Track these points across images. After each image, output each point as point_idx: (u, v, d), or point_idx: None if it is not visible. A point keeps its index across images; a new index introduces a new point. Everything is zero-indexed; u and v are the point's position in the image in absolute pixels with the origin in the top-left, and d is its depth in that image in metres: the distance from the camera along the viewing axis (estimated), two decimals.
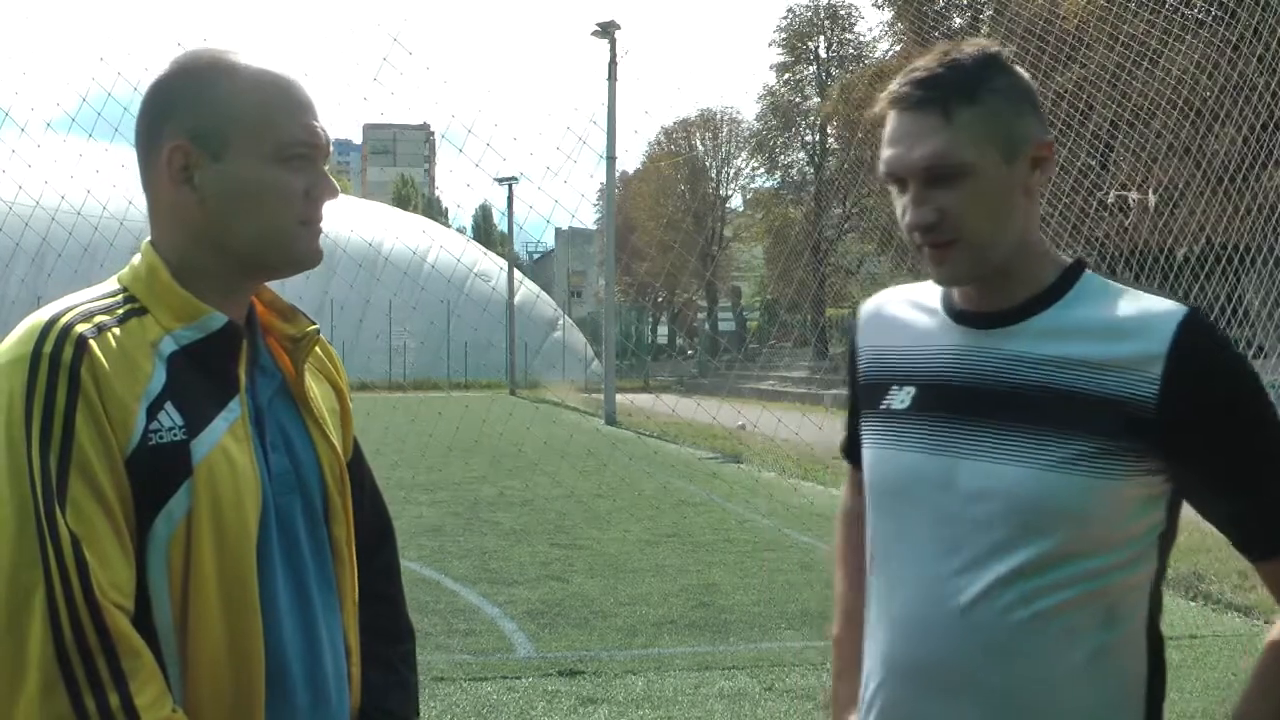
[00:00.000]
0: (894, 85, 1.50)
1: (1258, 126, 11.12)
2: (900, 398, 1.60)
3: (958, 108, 1.45)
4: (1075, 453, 1.42)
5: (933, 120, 1.45)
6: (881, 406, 1.62)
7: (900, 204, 1.51)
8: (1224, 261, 11.52)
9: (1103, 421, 1.41)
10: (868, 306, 1.75)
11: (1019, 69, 1.51)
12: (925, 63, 1.49)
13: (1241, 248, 11.43)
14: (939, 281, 1.55)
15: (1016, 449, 1.45)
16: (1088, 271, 1.53)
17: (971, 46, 1.49)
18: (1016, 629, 1.44)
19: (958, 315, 1.57)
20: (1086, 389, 1.43)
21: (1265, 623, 6.24)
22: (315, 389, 1.53)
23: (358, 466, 1.64)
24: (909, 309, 1.66)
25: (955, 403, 1.52)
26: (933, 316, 1.61)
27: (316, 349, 1.57)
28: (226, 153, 1.38)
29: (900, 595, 1.55)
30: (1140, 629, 1.48)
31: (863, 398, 1.69)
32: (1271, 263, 10.66)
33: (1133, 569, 1.46)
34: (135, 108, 1.44)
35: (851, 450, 1.81)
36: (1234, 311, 11.64)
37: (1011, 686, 1.46)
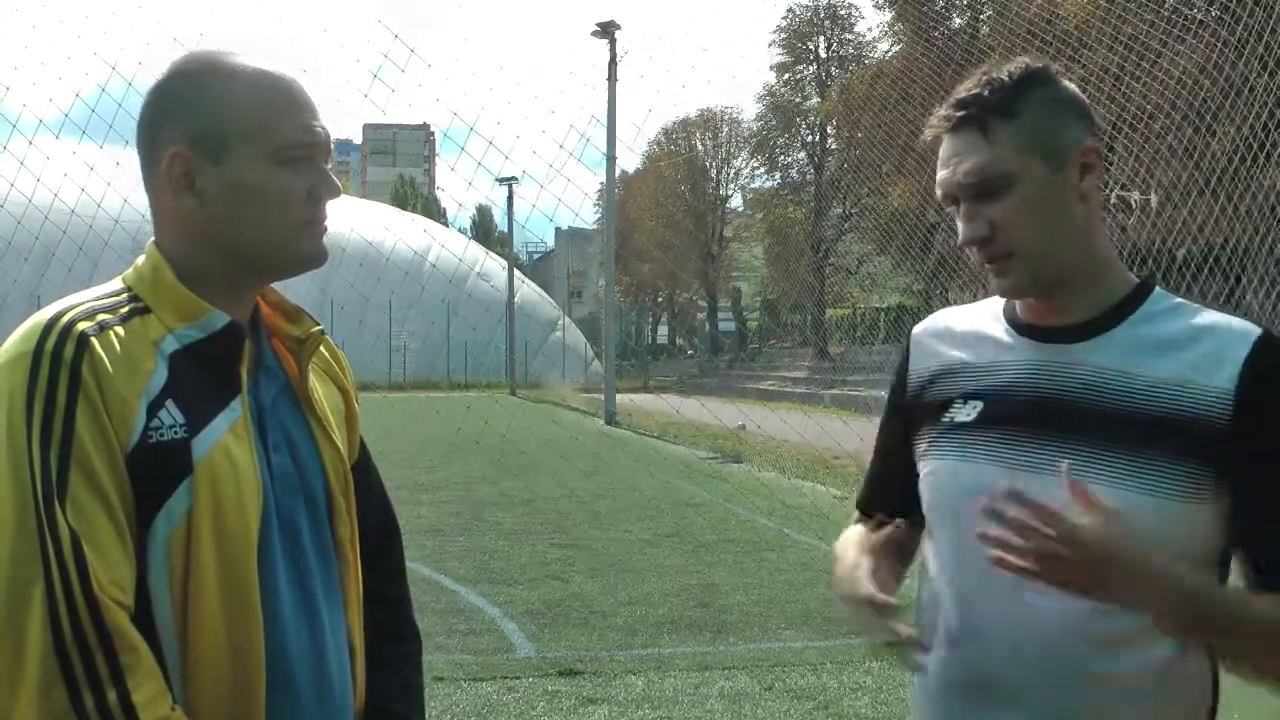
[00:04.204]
0: (939, 111, 1.55)
1: (1258, 127, 11.13)
2: (966, 411, 1.58)
3: (995, 123, 1.49)
4: (1147, 472, 1.41)
5: (972, 138, 1.50)
6: (944, 420, 1.60)
7: (959, 223, 1.54)
8: (1223, 262, 11.53)
9: (1176, 442, 1.41)
10: (918, 331, 1.72)
11: (1063, 81, 1.54)
12: (965, 85, 1.53)
13: (1241, 248, 11.44)
14: (1002, 294, 1.55)
15: (1086, 465, 1.44)
16: (1158, 289, 1.53)
17: (1012, 65, 1.53)
18: (1078, 648, 1.43)
19: (1023, 329, 1.57)
20: (1160, 408, 1.43)
21: None
22: (320, 390, 1.53)
23: (365, 468, 1.64)
24: (969, 326, 1.65)
25: (1025, 417, 1.51)
26: (996, 332, 1.61)
27: (323, 350, 1.57)
28: (226, 157, 1.37)
29: (962, 607, 1.53)
30: (1203, 654, 1.47)
31: (917, 419, 1.66)
32: (1270, 262, 10.67)
33: None
34: (130, 105, 1.45)
35: (871, 503, 1.75)
36: (1233, 311, 11.61)
37: (1069, 706, 1.45)
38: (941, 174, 1.53)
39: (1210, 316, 1.48)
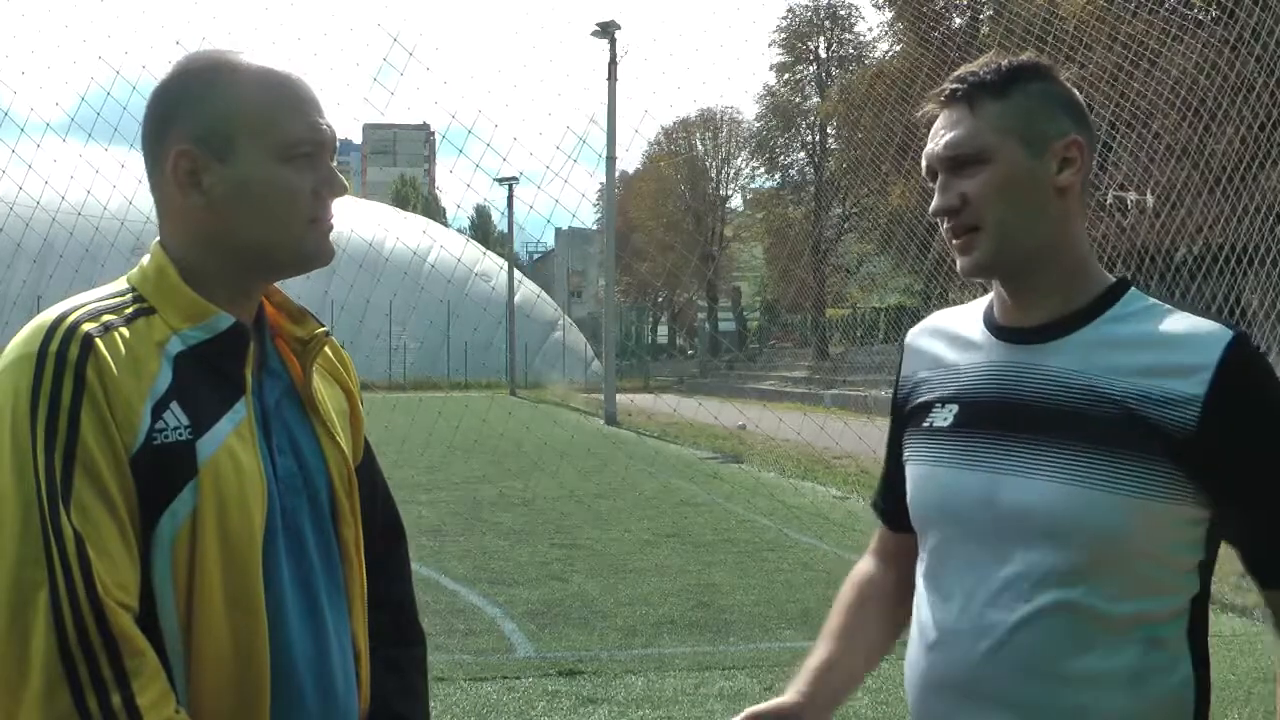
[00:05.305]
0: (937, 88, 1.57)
1: (1255, 126, 11.13)
2: (943, 415, 1.60)
3: (982, 100, 1.51)
4: (1111, 471, 1.42)
5: (960, 113, 1.52)
6: (924, 425, 1.62)
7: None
8: (1223, 262, 11.53)
9: (1142, 442, 1.41)
10: (911, 334, 1.75)
11: (1064, 80, 1.55)
12: (968, 65, 1.55)
13: (1240, 248, 11.44)
14: (962, 272, 1.55)
15: (1053, 465, 1.45)
16: (1133, 289, 1.53)
17: (1020, 58, 1.55)
18: (1055, 646, 1.44)
19: (998, 331, 1.58)
20: (1125, 408, 1.42)
21: (1263, 622, 6.23)
22: (324, 391, 1.53)
23: (370, 469, 1.64)
24: (953, 329, 1.67)
25: (994, 418, 1.52)
26: (975, 334, 1.62)
27: (328, 351, 1.57)
28: (232, 154, 1.37)
29: (940, 609, 1.55)
30: (1184, 654, 1.47)
31: (906, 423, 1.69)
32: (1270, 263, 10.67)
33: (1175, 596, 1.45)
34: (134, 108, 1.45)
35: (884, 505, 1.79)
36: (1232, 312, 11.66)
37: (1048, 704, 1.46)
38: (926, 147, 1.56)
39: (1180, 318, 1.46)
